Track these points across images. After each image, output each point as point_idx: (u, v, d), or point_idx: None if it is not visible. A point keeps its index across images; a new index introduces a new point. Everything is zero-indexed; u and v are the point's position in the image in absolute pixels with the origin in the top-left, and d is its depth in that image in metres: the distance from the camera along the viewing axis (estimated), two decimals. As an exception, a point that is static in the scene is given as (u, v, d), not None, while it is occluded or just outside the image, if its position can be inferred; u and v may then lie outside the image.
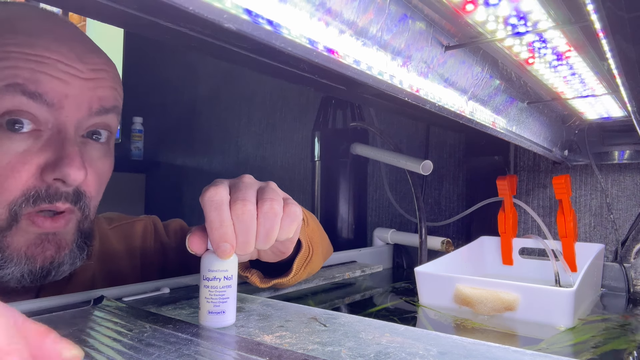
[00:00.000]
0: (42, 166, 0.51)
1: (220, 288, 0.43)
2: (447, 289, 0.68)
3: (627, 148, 0.93)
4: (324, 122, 1.12)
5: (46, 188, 0.51)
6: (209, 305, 0.42)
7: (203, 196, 0.44)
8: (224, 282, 0.43)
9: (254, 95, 1.67)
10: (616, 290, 0.81)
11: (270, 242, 0.44)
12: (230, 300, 0.43)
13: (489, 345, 0.36)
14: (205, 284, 0.43)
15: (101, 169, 0.57)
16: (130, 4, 0.38)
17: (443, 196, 1.17)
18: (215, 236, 0.42)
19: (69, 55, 0.52)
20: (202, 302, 0.43)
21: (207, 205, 0.43)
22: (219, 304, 0.42)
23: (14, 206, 0.50)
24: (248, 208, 0.43)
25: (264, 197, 0.44)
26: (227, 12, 0.28)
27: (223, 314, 0.43)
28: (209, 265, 0.43)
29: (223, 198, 0.43)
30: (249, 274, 0.57)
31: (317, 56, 0.36)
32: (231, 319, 0.43)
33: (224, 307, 0.43)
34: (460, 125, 0.60)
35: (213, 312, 0.42)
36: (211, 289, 0.42)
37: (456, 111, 0.54)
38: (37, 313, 0.44)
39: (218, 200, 0.43)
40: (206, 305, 0.42)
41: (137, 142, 2.06)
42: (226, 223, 0.42)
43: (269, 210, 0.44)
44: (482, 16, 0.44)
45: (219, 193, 0.43)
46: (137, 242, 0.72)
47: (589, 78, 0.61)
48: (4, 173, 0.49)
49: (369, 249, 1.05)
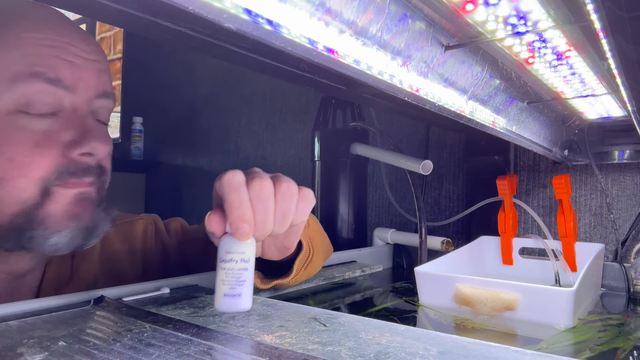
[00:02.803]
0: (67, 143, 0.52)
1: (237, 270, 0.41)
2: (447, 289, 0.68)
3: (627, 148, 0.93)
4: (324, 122, 1.12)
5: (75, 164, 0.52)
6: (224, 287, 0.41)
7: (221, 180, 0.44)
8: (240, 265, 0.42)
9: (254, 95, 1.67)
10: (616, 290, 0.81)
11: (286, 224, 0.45)
12: (246, 284, 0.42)
13: (489, 345, 0.36)
14: (222, 267, 0.41)
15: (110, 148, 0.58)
16: (130, 4, 0.38)
17: (443, 196, 1.17)
18: (234, 216, 0.42)
19: (75, 38, 0.54)
20: (217, 285, 0.41)
21: (225, 187, 0.43)
22: (235, 286, 0.41)
23: (45, 183, 0.51)
24: (266, 186, 0.43)
25: (280, 180, 0.45)
26: (227, 11, 0.28)
27: (239, 297, 0.41)
28: (227, 247, 0.42)
29: (241, 180, 0.43)
30: None
31: (317, 56, 0.36)
32: (247, 304, 0.42)
33: (240, 290, 0.41)
34: (460, 125, 0.60)
35: (229, 294, 0.41)
36: (227, 270, 0.41)
37: (456, 111, 0.54)
38: (37, 313, 0.44)
39: (237, 182, 0.43)
40: (222, 288, 0.41)
41: (137, 142, 2.06)
42: (245, 203, 0.42)
43: (286, 190, 0.45)
44: (482, 16, 0.44)
45: (236, 175, 0.44)
46: (137, 240, 0.72)
47: (589, 78, 0.61)
48: (31, 153, 0.50)
49: (369, 249, 1.05)
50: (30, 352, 0.34)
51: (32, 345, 0.35)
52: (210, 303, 0.49)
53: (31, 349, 0.35)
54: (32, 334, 0.38)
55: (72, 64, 0.53)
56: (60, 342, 0.36)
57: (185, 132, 1.93)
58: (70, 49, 0.53)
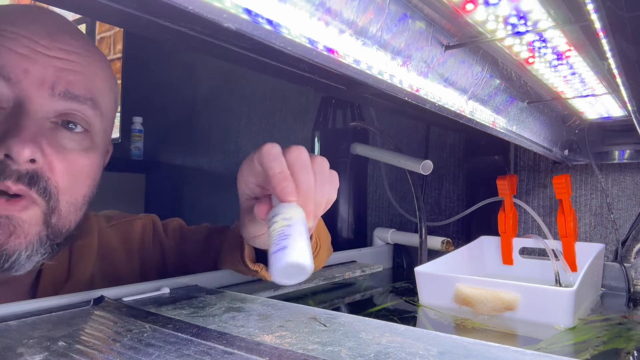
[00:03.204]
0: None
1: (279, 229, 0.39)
2: (447, 289, 0.68)
3: (627, 148, 0.93)
4: (324, 122, 1.12)
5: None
6: (271, 249, 0.38)
7: (260, 152, 0.45)
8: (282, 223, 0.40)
9: (254, 95, 1.67)
10: (616, 290, 0.81)
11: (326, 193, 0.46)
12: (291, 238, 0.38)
13: (489, 345, 0.36)
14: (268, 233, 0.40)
15: (76, 161, 0.53)
16: (130, 4, 0.38)
17: (443, 196, 1.16)
18: (277, 179, 0.42)
19: (37, 32, 0.50)
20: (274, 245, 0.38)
21: (265, 157, 0.44)
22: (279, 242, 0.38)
23: None
24: (304, 154, 0.45)
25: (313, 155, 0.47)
26: (226, 11, 0.28)
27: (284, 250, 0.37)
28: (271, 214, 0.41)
29: (279, 150, 0.45)
30: (259, 268, 0.57)
31: (317, 56, 0.36)
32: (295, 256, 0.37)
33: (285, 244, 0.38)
34: (460, 125, 0.60)
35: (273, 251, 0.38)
36: (271, 232, 0.39)
37: (456, 111, 0.54)
38: (37, 313, 0.44)
39: (276, 152, 0.44)
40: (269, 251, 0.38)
41: (137, 142, 2.06)
42: (286, 169, 0.43)
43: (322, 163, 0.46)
44: (482, 16, 0.44)
45: (275, 147, 0.45)
46: (135, 240, 0.72)
47: (589, 78, 0.61)
48: None
49: (369, 249, 1.05)
50: (30, 352, 0.34)
51: (32, 345, 0.35)
52: (210, 303, 0.49)
53: (31, 349, 0.35)
54: (32, 334, 0.38)
55: (20, 55, 0.49)
56: (60, 342, 0.36)
57: (185, 132, 1.93)
58: (21, 40, 0.49)
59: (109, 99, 0.59)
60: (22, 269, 0.51)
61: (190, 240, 0.75)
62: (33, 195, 0.50)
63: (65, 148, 0.52)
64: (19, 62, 0.49)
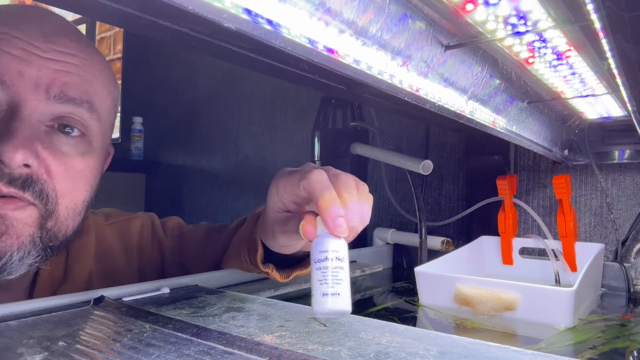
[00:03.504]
0: None
1: (333, 269, 0.39)
2: (447, 288, 0.68)
3: (627, 148, 0.93)
4: (324, 122, 1.12)
5: None
6: (323, 287, 0.39)
7: (309, 178, 0.44)
8: (336, 263, 0.40)
9: (254, 95, 1.67)
10: (616, 290, 0.81)
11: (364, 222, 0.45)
12: (344, 284, 0.39)
13: (489, 345, 0.36)
14: (317, 267, 0.40)
15: (74, 165, 0.53)
16: (130, 4, 0.38)
17: (443, 196, 1.16)
18: (332, 214, 0.41)
19: (31, 34, 0.49)
20: (315, 287, 0.39)
21: (316, 185, 0.43)
22: (334, 285, 0.39)
23: None
24: (352, 184, 0.44)
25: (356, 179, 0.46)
26: (226, 11, 0.28)
27: (339, 296, 0.39)
28: (320, 247, 0.40)
29: (328, 180, 0.44)
30: (269, 270, 0.57)
31: (317, 56, 0.36)
32: (347, 305, 0.39)
33: (339, 290, 0.39)
34: (460, 125, 0.60)
35: (328, 293, 0.39)
36: (323, 270, 0.39)
37: (456, 111, 0.54)
38: (37, 313, 0.44)
39: (326, 181, 0.43)
40: (320, 288, 0.39)
41: (137, 142, 2.06)
42: (338, 201, 0.42)
43: (363, 189, 0.45)
44: (482, 16, 0.44)
45: (323, 175, 0.44)
46: (134, 239, 0.72)
47: (589, 78, 0.61)
48: None
49: (369, 249, 1.05)
50: (30, 352, 0.34)
51: (32, 345, 0.35)
52: (210, 303, 0.49)
53: (31, 349, 0.35)
54: (32, 334, 0.38)
55: (14, 57, 0.48)
56: (60, 342, 0.36)
57: (185, 132, 1.93)
58: (15, 42, 0.48)
59: (107, 101, 0.58)
60: (15, 272, 0.50)
61: (188, 239, 0.75)
62: (28, 198, 0.49)
63: (61, 151, 0.52)
64: (13, 64, 0.48)
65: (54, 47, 0.51)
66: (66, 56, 0.51)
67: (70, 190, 0.53)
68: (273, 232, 0.51)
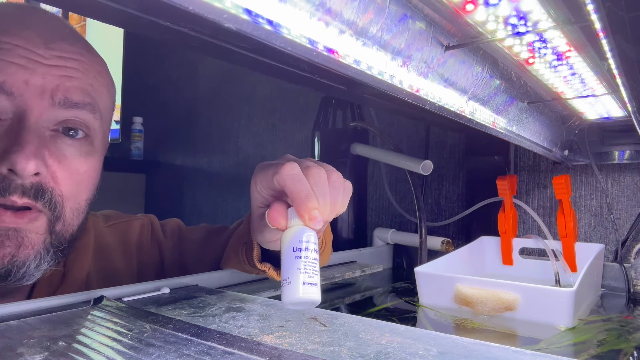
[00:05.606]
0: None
1: (312, 259, 0.40)
2: (447, 289, 0.68)
3: (627, 148, 0.93)
4: (324, 122, 1.12)
5: (0, 180, 0.48)
6: (303, 276, 0.39)
7: (280, 172, 0.44)
8: (314, 254, 0.40)
9: (254, 95, 1.67)
10: (616, 290, 0.81)
11: (335, 212, 0.45)
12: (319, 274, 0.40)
13: (489, 345, 0.36)
14: (297, 255, 0.39)
15: (78, 168, 0.54)
16: (130, 4, 0.38)
17: (443, 196, 1.16)
18: (306, 205, 0.41)
19: (32, 40, 0.50)
20: (294, 275, 0.39)
21: (287, 178, 0.43)
22: (313, 275, 0.39)
23: None
24: (323, 175, 0.44)
25: (330, 169, 0.46)
26: (227, 12, 0.28)
27: (316, 286, 0.39)
28: (299, 236, 0.40)
29: (300, 171, 0.44)
30: (266, 268, 0.57)
31: (317, 56, 0.36)
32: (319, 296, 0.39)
33: (316, 280, 0.39)
34: (460, 125, 0.60)
35: (308, 283, 0.39)
36: (305, 259, 0.39)
37: (456, 111, 0.54)
38: (37, 313, 0.44)
39: (298, 173, 0.43)
40: (300, 277, 0.39)
41: (137, 142, 2.06)
42: (311, 193, 0.42)
43: (337, 179, 0.45)
44: (482, 16, 0.44)
45: (295, 168, 0.44)
46: (133, 240, 0.72)
47: (589, 78, 0.61)
48: None
49: (369, 249, 1.05)
50: (30, 352, 0.34)
51: (32, 345, 0.35)
52: (210, 303, 0.49)
53: (31, 349, 0.35)
54: (32, 334, 0.38)
55: (19, 67, 0.49)
56: (60, 342, 0.36)
57: (185, 132, 1.93)
58: (17, 51, 0.49)
59: (106, 99, 0.59)
60: (32, 278, 0.52)
61: (188, 241, 0.75)
62: (39, 207, 0.50)
63: (66, 156, 0.53)
64: (18, 74, 0.49)
65: (55, 53, 0.51)
66: (67, 61, 0.52)
67: (75, 192, 0.54)
68: (259, 227, 0.51)
